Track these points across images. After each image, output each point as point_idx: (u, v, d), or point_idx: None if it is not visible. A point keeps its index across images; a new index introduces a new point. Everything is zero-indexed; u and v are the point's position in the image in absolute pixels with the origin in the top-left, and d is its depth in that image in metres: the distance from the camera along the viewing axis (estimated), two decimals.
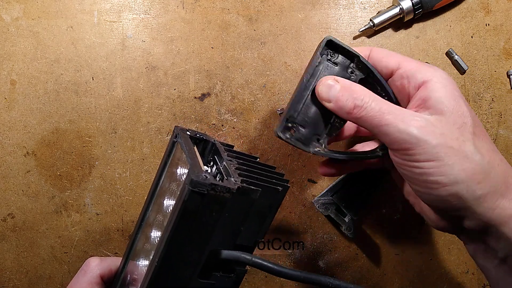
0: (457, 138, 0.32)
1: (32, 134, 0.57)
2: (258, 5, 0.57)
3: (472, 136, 0.32)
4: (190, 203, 0.27)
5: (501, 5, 0.57)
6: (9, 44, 0.57)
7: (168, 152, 0.36)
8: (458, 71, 0.57)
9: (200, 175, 0.28)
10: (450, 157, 0.31)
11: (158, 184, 0.37)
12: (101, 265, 0.37)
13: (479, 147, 0.32)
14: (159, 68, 0.57)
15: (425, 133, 0.32)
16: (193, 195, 0.27)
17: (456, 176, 0.31)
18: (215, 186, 0.28)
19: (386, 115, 0.33)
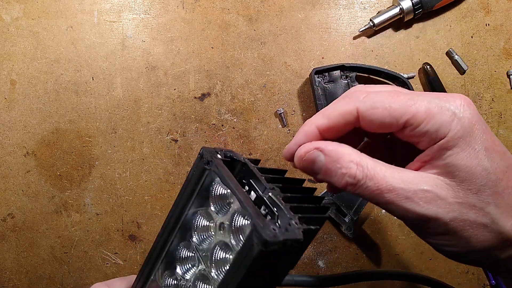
0: (474, 206, 0.27)
1: (32, 134, 0.57)
2: (258, 5, 0.57)
3: (493, 197, 0.27)
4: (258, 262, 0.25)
5: (501, 5, 0.57)
6: (9, 44, 0.57)
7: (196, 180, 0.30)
8: (458, 71, 0.57)
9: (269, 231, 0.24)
10: (466, 230, 0.27)
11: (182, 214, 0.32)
12: None
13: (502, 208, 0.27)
14: (159, 68, 0.57)
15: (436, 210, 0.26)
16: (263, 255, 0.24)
17: (474, 248, 0.27)
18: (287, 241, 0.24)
19: (385, 194, 0.27)
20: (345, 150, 0.28)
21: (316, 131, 0.29)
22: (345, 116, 0.28)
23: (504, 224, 0.27)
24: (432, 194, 0.26)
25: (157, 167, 0.56)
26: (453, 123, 0.26)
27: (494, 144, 0.27)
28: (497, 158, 0.27)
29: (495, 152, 0.27)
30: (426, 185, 0.27)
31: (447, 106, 0.26)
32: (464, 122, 0.26)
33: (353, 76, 0.55)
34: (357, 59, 0.57)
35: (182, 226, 0.33)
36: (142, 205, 0.56)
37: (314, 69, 0.54)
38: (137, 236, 0.56)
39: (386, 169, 0.27)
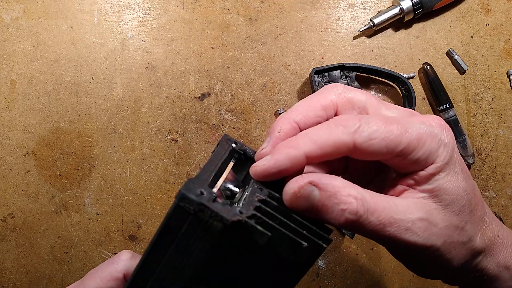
0: (457, 226, 0.27)
1: (32, 134, 0.57)
2: (258, 5, 0.57)
3: (469, 215, 0.28)
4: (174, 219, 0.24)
5: (501, 5, 0.57)
6: (9, 44, 0.57)
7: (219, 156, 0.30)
8: (458, 71, 0.57)
9: (195, 190, 0.23)
10: (450, 252, 0.28)
11: None
12: (130, 262, 0.36)
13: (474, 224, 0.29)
14: (159, 68, 0.57)
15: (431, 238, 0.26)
16: (178, 211, 0.23)
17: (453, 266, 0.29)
18: (205, 208, 0.23)
19: (388, 228, 0.25)
20: (340, 183, 0.25)
21: (303, 160, 0.25)
22: (340, 148, 0.25)
23: (475, 240, 0.29)
24: (427, 221, 0.26)
25: (157, 167, 0.56)
26: (440, 149, 0.26)
27: (464, 164, 0.28)
28: (468, 177, 0.28)
29: (465, 172, 0.28)
30: (421, 212, 0.26)
31: (435, 132, 0.27)
32: (449, 148, 0.27)
33: (353, 76, 0.55)
34: (357, 59, 0.57)
35: None
36: (142, 205, 0.56)
37: (314, 69, 0.54)
38: (137, 236, 0.56)
39: (381, 199, 0.26)
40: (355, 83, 0.55)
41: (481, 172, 0.57)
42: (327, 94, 0.29)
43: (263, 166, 0.26)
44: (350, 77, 0.55)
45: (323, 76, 0.55)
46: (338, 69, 0.55)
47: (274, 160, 0.25)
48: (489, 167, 0.57)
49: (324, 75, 0.55)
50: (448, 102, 0.55)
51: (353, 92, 0.30)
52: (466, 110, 0.57)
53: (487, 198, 0.57)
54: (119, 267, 0.35)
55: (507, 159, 0.57)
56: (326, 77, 0.55)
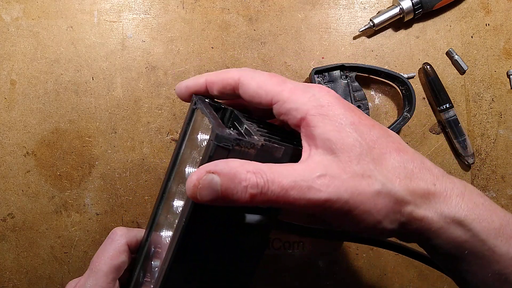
0: (362, 175, 0.28)
1: (32, 134, 0.57)
2: (258, 5, 0.57)
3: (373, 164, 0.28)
4: (217, 159, 0.27)
5: (501, 5, 0.57)
6: (9, 44, 0.57)
7: (187, 120, 0.34)
8: (458, 71, 0.57)
9: (225, 130, 0.27)
10: (364, 203, 0.28)
11: (179, 153, 0.35)
12: (128, 234, 0.38)
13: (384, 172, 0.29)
14: (159, 68, 0.57)
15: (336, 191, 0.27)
16: (219, 150, 0.27)
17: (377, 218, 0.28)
18: (240, 141, 0.27)
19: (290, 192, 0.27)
20: (237, 163, 0.27)
21: (204, 83, 0.33)
22: (228, 78, 0.32)
23: (393, 185, 0.28)
24: (328, 176, 0.27)
25: (157, 167, 0.56)
26: (311, 102, 0.29)
27: (360, 119, 0.30)
28: (365, 129, 0.29)
29: (362, 125, 0.29)
30: (319, 170, 0.28)
31: (309, 89, 0.30)
32: (323, 102, 0.29)
33: (353, 76, 0.55)
34: (357, 59, 0.57)
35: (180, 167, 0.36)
36: (142, 205, 0.56)
37: (314, 69, 0.54)
38: None
39: (281, 168, 0.28)
40: (355, 83, 0.55)
41: (481, 172, 0.57)
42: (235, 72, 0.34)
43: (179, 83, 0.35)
44: (350, 77, 0.55)
45: (323, 76, 0.55)
46: (338, 69, 0.55)
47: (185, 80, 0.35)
48: (489, 167, 0.57)
49: (324, 75, 0.55)
50: (448, 102, 0.55)
51: None
52: (466, 110, 0.57)
53: None
54: (121, 241, 0.37)
55: (507, 159, 0.57)
56: (326, 77, 0.55)
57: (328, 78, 0.55)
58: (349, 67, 0.54)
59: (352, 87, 0.55)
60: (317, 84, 0.32)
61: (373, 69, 0.54)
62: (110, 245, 0.37)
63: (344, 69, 0.55)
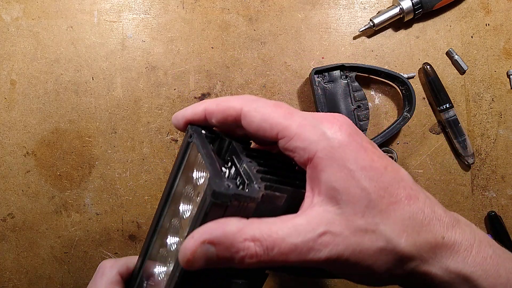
0: (366, 230, 0.26)
1: (32, 134, 0.57)
2: (258, 5, 0.57)
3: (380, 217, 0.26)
4: (212, 215, 0.26)
5: (501, 5, 0.57)
6: (9, 44, 0.57)
7: (182, 154, 0.33)
8: (458, 71, 0.57)
9: (222, 184, 0.25)
10: (366, 260, 0.26)
11: (173, 187, 0.34)
12: (117, 264, 0.37)
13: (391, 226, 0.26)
14: (159, 68, 0.57)
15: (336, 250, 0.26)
16: (215, 207, 0.25)
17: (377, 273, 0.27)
18: (239, 197, 0.25)
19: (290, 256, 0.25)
20: (235, 227, 0.25)
21: (203, 111, 0.31)
22: (230, 109, 0.29)
23: (399, 242, 0.26)
24: (329, 234, 0.26)
25: (157, 167, 0.56)
26: (321, 142, 0.26)
27: (372, 162, 0.27)
28: (376, 175, 0.26)
29: (373, 169, 0.27)
30: (321, 226, 0.26)
31: (319, 126, 0.27)
32: (333, 143, 0.26)
33: (353, 76, 0.55)
34: (357, 59, 0.57)
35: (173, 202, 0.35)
36: (142, 205, 0.56)
37: (314, 69, 0.54)
38: (137, 236, 0.56)
39: (280, 227, 0.26)
40: (355, 83, 0.55)
41: (481, 172, 0.57)
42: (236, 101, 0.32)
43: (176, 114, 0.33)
44: (350, 77, 0.55)
45: (323, 76, 0.55)
46: (338, 69, 0.55)
47: (183, 110, 0.32)
48: (489, 167, 0.57)
49: (324, 75, 0.55)
50: (448, 102, 0.55)
51: None
52: (466, 110, 0.57)
53: (487, 198, 0.57)
54: (112, 272, 0.35)
55: (507, 159, 0.57)
56: (326, 77, 0.55)
57: (328, 78, 0.55)
58: (349, 67, 0.54)
59: (352, 87, 0.55)
60: (329, 115, 0.28)
61: (373, 69, 0.54)
62: (101, 279, 0.35)
63: (344, 69, 0.55)
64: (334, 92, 0.55)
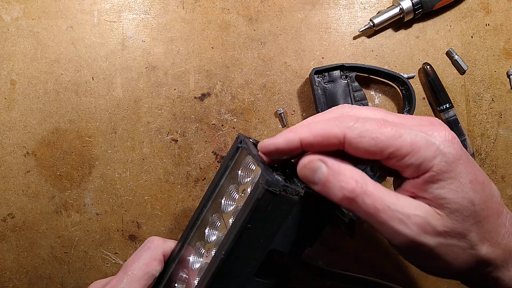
0: (459, 233, 0.28)
1: (32, 134, 0.57)
2: (258, 5, 0.57)
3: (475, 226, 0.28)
4: (263, 201, 0.29)
5: (501, 5, 0.57)
6: (9, 44, 0.57)
7: (230, 156, 0.37)
8: (458, 71, 0.57)
9: (274, 176, 0.29)
10: (448, 254, 0.28)
11: (218, 185, 0.38)
12: (164, 245, 0.38)
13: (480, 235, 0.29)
14: (159, 68, 0.57)
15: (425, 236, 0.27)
16: (267, 194, 0.29)
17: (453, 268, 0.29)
18: (287, 188, 0.29)
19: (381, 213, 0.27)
20: (348, 167, 0.28)
21: (298, 142, 0.29)
22: (330, 138, 0.28)
23: (480, 249, 0.29)
24: (425, 221, 0.27)
25: (157, 167, 0.56)
26: (437, 158, 0.27)
27: (477, 176, 0.28)
28: (480, 189, 0.28)
29: (478, 183, 0.28)
30: (420, 211, 0.27)
31: (432, 140, 0.27)
32: (449, 158, 0.27)
33: (353, 76, 0.55)
34: (357, 59, 0.57)
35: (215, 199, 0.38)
36: (142, 205, 0.56)
37: (314, 69, 0.54)
38: (137, 236, 0.56)
39: (385, 191, 0.28)
40: (355, 83, 0.55)
41: None
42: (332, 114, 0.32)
43: (265, 142, 0.31)
44: (350, 77, 0.55)
45: (323, 76, 0.55)
46: (338, 69, 0.55)
47: (274, 139, 0.30)
48: (489, 167, 0.57)
49: (324, 75, 0.55)
50: (448, 102, 0.55)
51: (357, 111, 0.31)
52: (466, 110, 0.57)
53: None
54: (157, 250, 0.37)
55: (507, 159, 0.57)
56: (326, 77, 0.55)
57: (328, 78, 0.55)
58: (349, 67, 0.54)
59: (352, 87, 0.55)
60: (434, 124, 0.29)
61: (373, 69, 0.54)
62: (146, 252, 0.37)
63: (344, 69, 0.55)
64: (334, 92, 0.55)
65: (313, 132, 0.29)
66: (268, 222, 0.31)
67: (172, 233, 0.56)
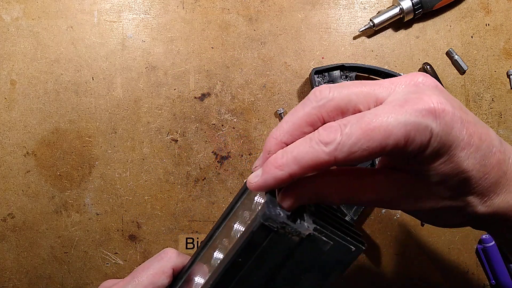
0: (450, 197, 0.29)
1: (32, 134, 0.57)
2: (258, 5, 0.57)
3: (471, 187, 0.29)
4: (257, 236, 0.28)
5: (501, 5, 0.57)
6: (9, 44, 0.57)
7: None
8: (458, 71, 0.57)
9: (275, 211, 0.28)
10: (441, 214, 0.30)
11: (233, 208, 0.37)
12: (176, 259, 0.38)
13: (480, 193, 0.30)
14: (159, 68, 0.57)
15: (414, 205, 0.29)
16: (262, 229, 0.27)
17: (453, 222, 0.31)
18: (286, 226, 0.27)
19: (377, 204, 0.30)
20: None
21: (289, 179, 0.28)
22: (322, 166, 0.27)
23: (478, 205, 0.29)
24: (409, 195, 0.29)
25: (157, 167, 0.56)
26: (431, 141, 0.26)
27: (471, 137, 0.27)
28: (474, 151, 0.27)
29: (472, 146, 0.27)
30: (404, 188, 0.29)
31: (424, 123, 0.26)
32: (442, 137, 0.26)
33: (353, 76, 0.55)
34: (357, 59, 0.57)
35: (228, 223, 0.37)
36: (142, 205, 0.56)
37: (314, 69, 0.54)
38: (137, 236, 0.56)
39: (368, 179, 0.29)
40: None
41: None
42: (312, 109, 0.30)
43: (255, 183, 0.29)
44: (350, 77, 0.55)
45: (323, 76, 0.55)
46: (338, 69, 0.55)
47: (263, 180, 0.29)
48: None
49: (324, 75, 0.55)
50: None
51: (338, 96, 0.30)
52: None
53: None
54: (168, 263, 0.37)
55: None
56: (326, 77, 0.55)
57: (328, 78, 0.55)
58: (349, 67, 0.54)
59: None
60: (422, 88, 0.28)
61: (373, 69, 0.54)
62: (157, 262, 0.37)
63: (344, 69, 0.55)
64: None
65: (301, 165, 0.27)
66: (262, 259, 0.29)
67: (172, 233, 0.56)
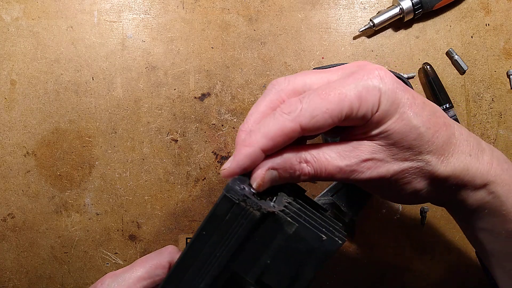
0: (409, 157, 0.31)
1: (32, 134, 0.57)
2: (258, 5, 0.57)
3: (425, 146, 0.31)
4: (220, 208, 0.28)
5: (501, 5, 0.57)
6: (9, 44, 0.57)
7: None
8: (458, 71, 0.57)
9: (239, 185, 0.28)
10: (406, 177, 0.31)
11: None
12: (175, 254, 0.39)
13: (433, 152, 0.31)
14: (159, 68, 0.57)
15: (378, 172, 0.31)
16: (225, 200, 0.28)
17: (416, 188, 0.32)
18: (247, 199, 0.28)
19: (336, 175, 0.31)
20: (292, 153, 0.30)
21: (260, 153, 0.29)
22: (290, 134, 0.28)
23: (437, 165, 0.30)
24: (372, 160, 0.30)
25: (157, 167, 0.56)
26: (381, 99, 0.28)
27: (415, 99, 0.30)
28: (420, 110, 0.30)
29: (417, 106, 0.29)
30: (365, 154, 0.30)
31: (371, 84, 0.28)
32: (389, 95, 0.29)
33: None
34: (357, 59, 0.57)
35: None
36: (142, 205, 0.56)
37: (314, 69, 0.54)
38: (137, 236, 0.56)
39: (329, 152, 0.30)
40: None
41: None
42: (272, 95, 0.33)
43: (228, 168, 0.29)
44: None
45: None
46: None
47: (236, 161, 0.29)
48: None
49: None
50: (448, 102, 0.55)
51: (293, 81, 0.33)
52: (466, 110, 0.57)
53: None
54: (165, 257, 0.38)
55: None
56: None
57: None
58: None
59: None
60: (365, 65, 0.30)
61: None
62: (156, 256, 0.39)
63: None
64: None
65: (270, 137, 0.29)
66: (225, 234, 0.29)
67: (172, 233, 0.56)
